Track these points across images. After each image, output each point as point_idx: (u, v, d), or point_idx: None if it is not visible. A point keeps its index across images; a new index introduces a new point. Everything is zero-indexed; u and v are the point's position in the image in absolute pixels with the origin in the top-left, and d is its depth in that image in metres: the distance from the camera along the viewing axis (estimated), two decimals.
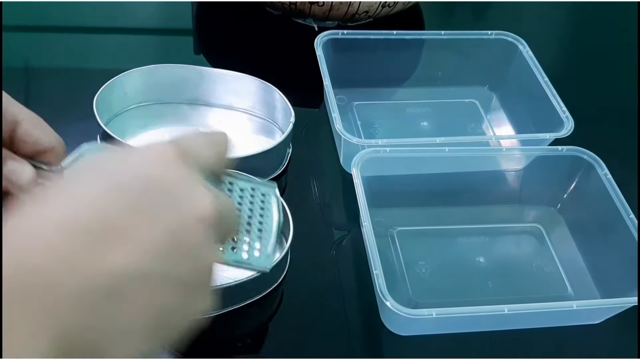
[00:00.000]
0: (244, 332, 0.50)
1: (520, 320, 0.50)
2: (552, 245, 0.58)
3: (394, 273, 0.53)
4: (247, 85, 0.62)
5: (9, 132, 0.40)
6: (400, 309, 0.45)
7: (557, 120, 0.61)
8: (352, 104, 0.68)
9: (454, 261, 0.56)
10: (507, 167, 0.63)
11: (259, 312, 0.50)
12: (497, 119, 0.70)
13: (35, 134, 0.40)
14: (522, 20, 0.87)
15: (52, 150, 0.41)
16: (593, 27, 0.88)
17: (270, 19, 0.76)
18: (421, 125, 0.68)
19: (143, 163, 0.31)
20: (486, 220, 0.59)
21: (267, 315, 0.50)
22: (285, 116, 0.60)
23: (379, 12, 0.72)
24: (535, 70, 0.66)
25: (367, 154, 0.55)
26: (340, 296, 0.53)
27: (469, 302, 0.51)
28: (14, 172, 0.39)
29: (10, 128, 0.40)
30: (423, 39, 0.71)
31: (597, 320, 0.52)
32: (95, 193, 0.29)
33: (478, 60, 0.71)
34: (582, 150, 0.58)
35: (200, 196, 0.31)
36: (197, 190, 0.31)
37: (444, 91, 0.72)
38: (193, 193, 0.31)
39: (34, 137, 0.40)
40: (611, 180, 0.56)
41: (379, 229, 0.55)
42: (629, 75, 0.78)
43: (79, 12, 0.76)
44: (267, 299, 0.50)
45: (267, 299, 0.50)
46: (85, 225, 0.27)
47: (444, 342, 0.50)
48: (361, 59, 0.69)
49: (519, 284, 0.55)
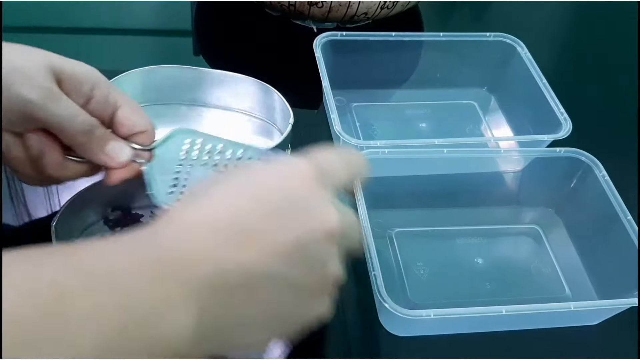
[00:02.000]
0: None
1: (518, 322, 0.50)
2: (550, 247, 0.58)
3: (392, 274, 0.53)
4: (246, 86, 0.62)
5: (109, 115, 0.45)
6: (398, 310, 0.45)
7: (555, 122, 0.61)
8: (350, 105, 0.68)
9: (452, 262, 0.56)
10: (505, 169, 0.63)
11: None
12: (495, 120, 0.70)
13: (133, 118, 0.45)
14: (521, 22, 0.87)
15: (146, 132, 0.46)
16: (591, 29, 0.88)
17: (270, 21, 0.76)
18: (420, 126, 0.68)
19: (284, 178, 0.35)
20: (484, 221, 0.60)
21: None
22: (284, 117, 0.60)
23: (377, 13, 0.72)
24: (534, 72, 0.66)
25: (366, 155, 0.55)
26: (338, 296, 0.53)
27: (467, 303, 0.51)
28: (114, 151, 0.44)
29: (111, 111, 0.45)
30: (422, 40, 0.71)
31: (594, 321, 0.52)
32: (240, 200, 0.33)
33: (476, 62, 0.71)
34: (580, 152, 0.58)
35: (330, 213, 0.35)
36: (328, 207, 0.35)
37: (442, 93, 0.72)
38: (324, 209, 0.35)
39: (132, 120, 0.45)
40: (609, 182, 0.56)
41: (377, 230, 0.55)
42: (627, 77, 0.78)
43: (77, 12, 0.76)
44: None
45: None
46: (229, 225, 0.32)
47: (442, 343, 0.50)
48: (360, 61, 0.69)
49: (517, 285, 0.55)
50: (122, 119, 0.45)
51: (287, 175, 0.35)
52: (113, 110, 0.45)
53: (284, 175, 0.35)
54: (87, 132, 0.42)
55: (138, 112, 0.46)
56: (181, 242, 0.31)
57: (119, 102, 0.45)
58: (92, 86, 0.44)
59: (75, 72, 0.43)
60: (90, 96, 0.44)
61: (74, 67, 0.43)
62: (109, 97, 0.44)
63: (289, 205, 0.34)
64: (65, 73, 0.42)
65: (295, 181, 0.35)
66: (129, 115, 0.45)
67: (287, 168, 0.36)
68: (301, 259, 0.33)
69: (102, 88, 0.44)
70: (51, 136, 0.43)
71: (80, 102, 0.43)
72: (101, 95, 0.44)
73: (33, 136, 0.42)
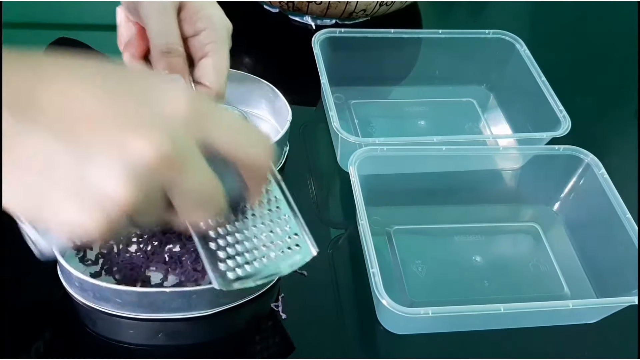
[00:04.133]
0: (240, 331, 0.50)
1: (516, 319, 0.50)
2: (548, 245, 0.58)
3: (390, 272, 0.53)
4: (244, 83, 0.62)
5: (199, 57, 0.48)
6: (396, 308, 0.45)
7: (554, 120, 0.61)
8: (349, 103, 0.68)
9: (450, 260, 0.56)
10: (504, 166, 0.63)
11: (254, 311, 0.50)
12: (494, 118, 0.70)
13: (208, 72, 0.48)
14: (520, 19, 0.87)
15: (208, 90, 0.48)
16: (590, 26, 0.88)
17: (268, 17, 0.75)
18: (418, 124, 0.68)
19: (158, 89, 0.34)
20: (483, 219, 0.59)
21: (263, 313, 0.50)
22: (282, 114, 0.60)
23: (376, 10, 0.72)
24: (533, 70, 0.66)
25: (364, 153, 0.55)
26: (336, 294, 0.53)
27: (466, 301, 0.52)
28: (172, 77, 0.45)
29: (201, 55, 0.48)
30: (420, 37, 0.71)
31: (593, 319, 0.52)
32: (94, 79, 0.33)
33: (475, 59, 0.71)
34: (579, 150, 0.58)
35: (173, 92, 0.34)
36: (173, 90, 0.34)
37: (441, 90, 0.72)
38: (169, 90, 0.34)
39: (205, 71, 0.48)
40: (608, 180, 0.56)
41: (375, 227, 0.55)
42: (626, 75, 0.78)
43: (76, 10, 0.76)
44: (263, 297, 0.50)
45: (263, 297, 0.50)
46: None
47: (440, 340, 0.50)
48: (359, 58, 0.69)
49: (515, 283, 0.55)
50: (201, 65, 0.47)
51: (164, 88, 0.34)
52: (203, 55, 0.47)
53: (161, 88, 0.34)
54: (163, 52, 0.46)
55: (218, 70, 0.47)
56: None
57: (210, 52, 0.47)
58: (205, 27, 0.47)
59: (198, 9, 0.47)
60: (197, 33, 0.47)
61: (202, 4, 0.48)
62: (207, 46, 0.47)
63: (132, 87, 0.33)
64: (190, 3, 0.47)
65: (175, 92, 0.34)
66: (207, 67, 0.47)
67: (173, 86, 0.34)
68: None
69: (210, 35, 0.47)
70: None
71: (190, 32, 0.47)
72: (205, 39, 0.47)
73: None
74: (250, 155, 0.36)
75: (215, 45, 0.47)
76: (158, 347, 0.48)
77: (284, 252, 0.44)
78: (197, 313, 0.48)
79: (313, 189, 0.60)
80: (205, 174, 0.34)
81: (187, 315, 0.48)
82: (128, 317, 0.47)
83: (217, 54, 0.47)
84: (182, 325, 0.48)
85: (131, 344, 0.47)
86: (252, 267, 0.43)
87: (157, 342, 0.48)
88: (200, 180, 0.34)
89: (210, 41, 0.47)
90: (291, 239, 0.44)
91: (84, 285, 0.46)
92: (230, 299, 0.49)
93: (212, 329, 0.49)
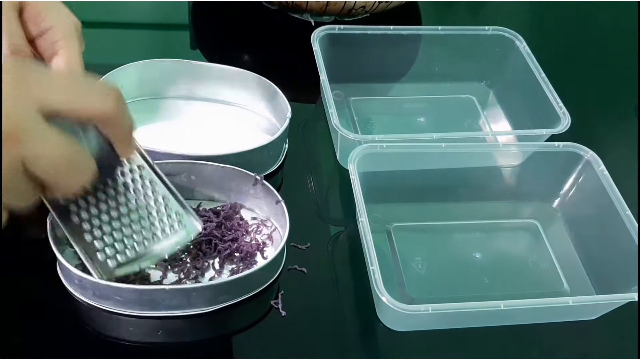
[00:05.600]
0: (239, 328, 0.50)
1: (516, 316, 0.50)
2: (548, 241, 0.58)
3: (390, 269, 0.53)
4: (243, 80, 0.62)
5: (49, 56, 0.46)
6: (396, 305, 0.45)
7: (553, 116, 0.61)
8: (348, 100, 0.68)
9: (450, 257, 0.56)
10: (503, 163, 0.63)
11: (254, 308, 0.50)
12: (493, 114, 0.69)
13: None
14: (519, 16, 0.86)
15: None
16: (590, 23, 0.88)
17: (267, 14, 0.75)
18: (418, 121, 0.68)
19: None
20: (482, 216, 0.59)
21: (262, 311, 0.50)
22: (282, 111, 0.60)
23: (375, 7, 0.72)
24: (532, 66, 0.66)
25: (364, 150, 0.55)
26: (336, 292, 0.53)
27: (465, 297, 0.52)
28: None
29: (51, 54, 0.46)
30: (420, 34, 0.71)
31: (593, 316, 0.52)
32: None
33: (475, 56, 0.71)
34: (578, 147, 0.58)
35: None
36: None
37: (440, 87, 0.72)
38: None
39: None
40: (607, 177, 0.56)
41: (375, 224, 0.55)
42: (626, 71, 0.78)
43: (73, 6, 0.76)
44: (263, 294, 0.50)
45: (263, 294, 0.50)
46: None
47: (440, 337, 0.50)
48: (358, 55, 0.69)
49: (515, 280, 0.55)
50: (54, 64, 0.45)
51: None
52: (53, 54, 0.46)
53: None
54: (12, 52, 0.44)
55: (71, 66, 0.46)
56: None
57: (61, 50, 0.46)
58: (50, 26, 0.45)
59: (40, 10, 0.45)
60: (43, 33, 0.45)
61: (45, 5, 0.46)
62: (56, 44, 0.46)
63: None
64: (31, 4, 0.45)
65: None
66: (59, 65, 0.45)
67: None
68: None
69: (57, 33, 0.45)
70: None
71: (35, 32, 0.45)
72: (52, 37, 0.45)
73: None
74: (92, 107, 0.36)
75: (65, 42, 0.46)
76: (157, 344, 0.48)
77: (168, 231, 0.45)
78: (196, 310, 0.48)
79: (312, 186, 0.60)
80: (53, 139, 0.34)
81: (186, 313, 0.48)
82: (127, 314, 0.47)
83: (67, 51, 0.46)
84: (182, 322, 0.48)
85: (131, 341, 0.47)
86: (133, 251, 0.44)
87: (157, 340, 0.48)
88: (50, 145, 0.34)
89: (59, 38, 0.46)
90: (173, 218, 0.45)
91: (83, 283, 0.46)
92: (229, 296, 0.49)
93: (211, 326, 0.49)
